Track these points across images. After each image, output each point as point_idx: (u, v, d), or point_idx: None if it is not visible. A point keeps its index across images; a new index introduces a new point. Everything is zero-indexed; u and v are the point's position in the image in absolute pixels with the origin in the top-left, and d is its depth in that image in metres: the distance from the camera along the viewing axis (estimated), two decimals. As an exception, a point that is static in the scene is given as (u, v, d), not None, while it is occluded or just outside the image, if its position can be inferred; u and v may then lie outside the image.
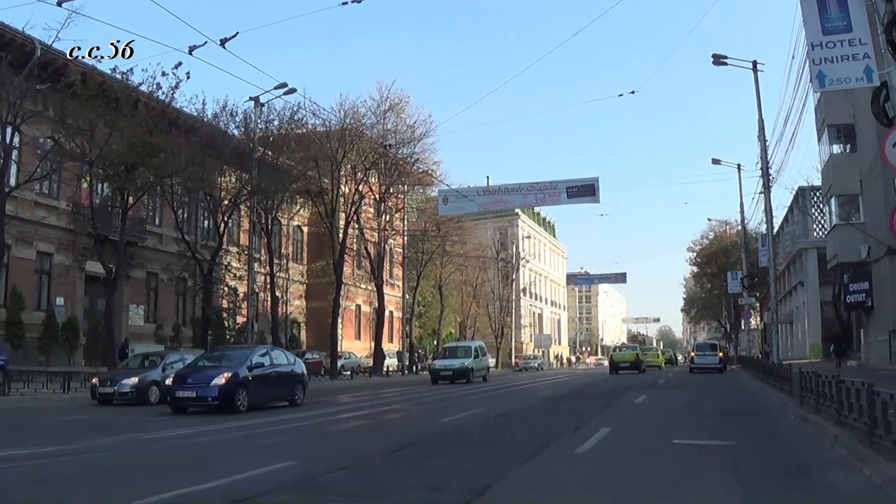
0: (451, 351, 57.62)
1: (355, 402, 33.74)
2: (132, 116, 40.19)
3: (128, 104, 40.49)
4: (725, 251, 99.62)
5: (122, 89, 40.27)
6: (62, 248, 45.26)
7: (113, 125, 39.12)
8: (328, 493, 11.12)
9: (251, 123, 50.70)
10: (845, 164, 51.08)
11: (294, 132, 55.02)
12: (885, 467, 10.77)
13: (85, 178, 42.98)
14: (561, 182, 59.40)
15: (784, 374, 29.68)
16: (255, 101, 49.03)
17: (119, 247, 41.70)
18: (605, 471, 13.06)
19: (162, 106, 42.10)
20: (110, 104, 39.37)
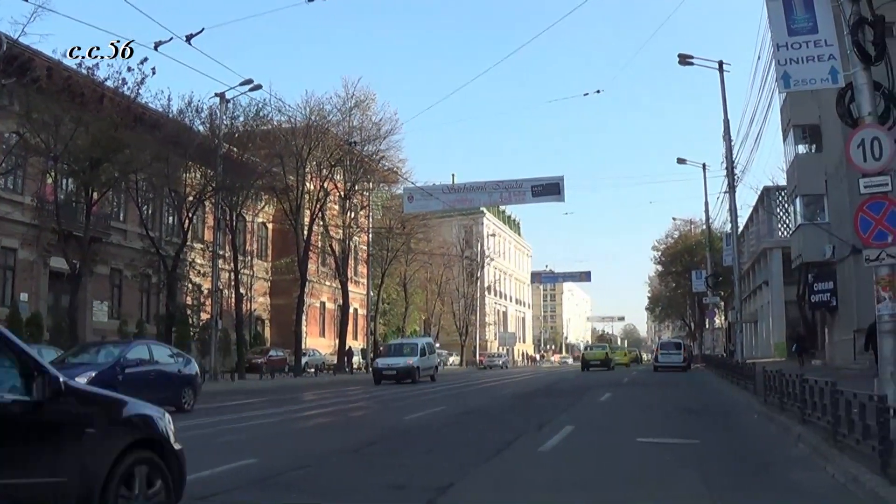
0: (396, 348, 53.04)
1: (319, 399, 33.74)
2: (97, 112, 39.90)
3: (93, 99, 40.26)
4: (690, 250, 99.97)
5: (88, 84, 40.05)
6: (26, 243, 44.72)
7: (78, 120, 38.78)
8: (289, 490, 11.15)
9: (216, 120, 50.43)
10: (810, 165, 51.39)
11: (259, 129, 54.89)
12: (849, 466, 10.83)
13: (50, 174, 42.56)
14: (526, 181, 59.45)
15: (748, 373, 29.87)
16: (220, 97, 48.74)
17: (83, 242, 41.37)
18: (568, 469, 13.10)
19: (127, 101, 41.78)
20: (76, 99, 39.15)
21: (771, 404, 20.79)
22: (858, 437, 11.28)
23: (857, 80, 14.27)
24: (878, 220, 13.48)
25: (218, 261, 52.15)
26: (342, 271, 69.12)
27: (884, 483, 9.20)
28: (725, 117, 44.97)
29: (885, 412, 10.15)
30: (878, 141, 13.50)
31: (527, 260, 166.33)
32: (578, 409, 25.39)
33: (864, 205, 13.74)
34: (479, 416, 23.33)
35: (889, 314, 13.53)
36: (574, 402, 28.22)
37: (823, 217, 49.68)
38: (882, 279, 13.61)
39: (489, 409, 26.24)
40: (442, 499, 10.26)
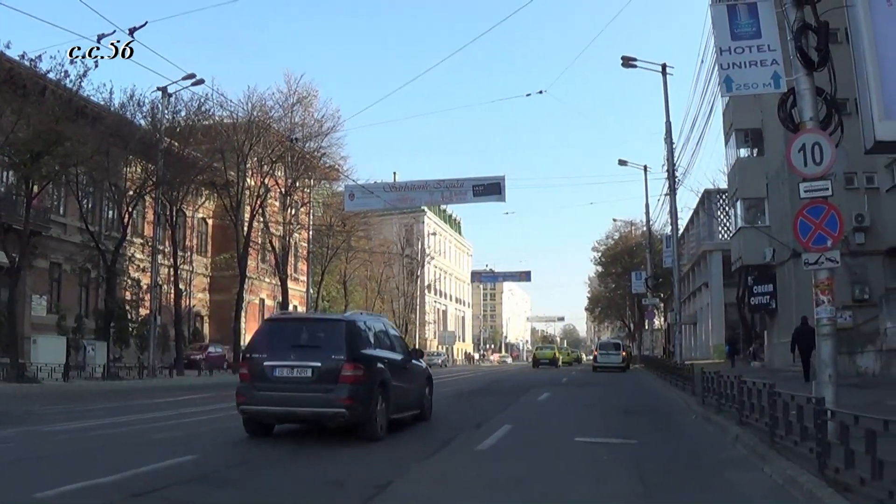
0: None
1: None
2: (39, 104, 39.44)
3: (35, 91, 39.82)
4: (630, 251, 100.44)
5: (30, 76, 39.59)
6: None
7: (19, 112, 38.28)
8: (227, 486, 11.14)
9: (158, 114, 49.91)
10: (752, 168, 51.92)
11: (201, 123, 54.44)
12: (786, 467, 10.98)
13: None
14: (467, 180, 59.46)
15: (687, 374, 30.14)
16: (162, 91, 48.26)
17: (23, 236, 40.87)
18: (505, 468, 13.15)
19: (69, 94, 41.35)
20: (17, 91, 38.74)
21: (709, 405, 21.01)
22: (796, 438, 11.44)
23: (799, 86, 14.43)
24: (818, 225, 13.64)
25: (157, 256, 51.74)
26: (282, 268, 68.73)
27: (821, 484, 9.30)
28: (667, 120, 45.23)
29: (823, 414, 10.29)
30: (819, 146, 13.66)
31: (467, 259, 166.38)
32: (517, 409, 25.45)
33: (804, 209, 13.90)
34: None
35: (828, 317, 13.72)
36: (512, 402, 28.26)
37: (764, 220, 50.26)
38: (821, 283, 13.79)
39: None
40: (380, 496, 10.28)
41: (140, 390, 35.80)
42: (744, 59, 15.40)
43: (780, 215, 45.15)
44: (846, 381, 22.82)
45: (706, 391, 22.19)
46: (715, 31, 16.15)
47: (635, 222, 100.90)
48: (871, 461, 8.11)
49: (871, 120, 13.49)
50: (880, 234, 42.58)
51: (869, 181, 43.11)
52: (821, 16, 14.37)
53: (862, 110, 13.73)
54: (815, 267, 13.75)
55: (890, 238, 41.49)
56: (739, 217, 53.77)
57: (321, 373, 15.89)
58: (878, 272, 42.89)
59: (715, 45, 16.23)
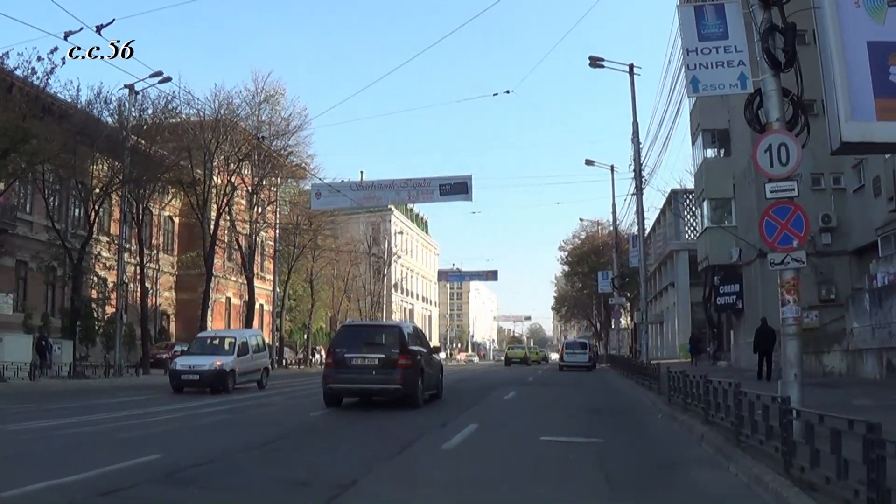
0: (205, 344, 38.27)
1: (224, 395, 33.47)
2: (6, 101, 39.24)
3: (1, 88, 39.64)
4: (597, 251, 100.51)
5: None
6: (-70, 234, 44.02)
7: (-14, 109, 38.29)
8: (192, 485, 11.05)
9: (125, 111, 49.69)
10: (719, 169, 52.04)
11: (168, 121, 54.33)
12: (752, 466, 10.98)
13: (-45, 164, 41.93)
14: (434, 179, 59.57)
15: (653, 373, 30.22)
16: (129, 88, 48.07)
17: (-11, 234, 40.78)
18: (470, 467, 13.16)
19: (36, 91, 41.22)
20: (-17, 88, 38.61)
21: (675, 404, 21.05)
22: (762, 437, 11.46)
23: (765, 87, 14.46)
24: (784, 225, 13.69)
25: (124, 254, 51.49)
26: (248, 267, 68.73)
27: (787, 484, 9.31)
28: (634, 120, 45.29)
29: (789, 413, 10.32)
30: (786, 147, 13.70)
31: (434, 258, 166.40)
32: (483, 408, 25.45)
33: (770, 209, 13.94)
34: (383, 414, 23.31)
35: (793, 317, 13.76)
36: (478, 401, 28.26)
37: (731, 220, 50.38)
38: (786, 283, 13.83)
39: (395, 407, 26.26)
40: (345, 495, 10.26)
41: (106, 389, 35.62)
42: (710, 59, 15.45)
43: (747, 215, 45.31)
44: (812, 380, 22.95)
45: (672, 390, 22.22)
46: (682, 32, 16.19)
47: (602, 222, 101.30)
48: (836, 460, 8.13)
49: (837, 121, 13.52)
50: (847, 234, 42.80)
51: (836, 182, 43.33)
52: (788, 17, 14.40)
53: (828, 111, 13.76)
54: (781, 267, 13.79)
55: (857, 238, 41.71)
56: (706, 217, 53.87)
57: (383, 362, 24.10)
58: (845, 272, 43.12)
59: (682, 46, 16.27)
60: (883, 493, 7.13)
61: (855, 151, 18.89)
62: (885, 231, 36.10)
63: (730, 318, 55.63)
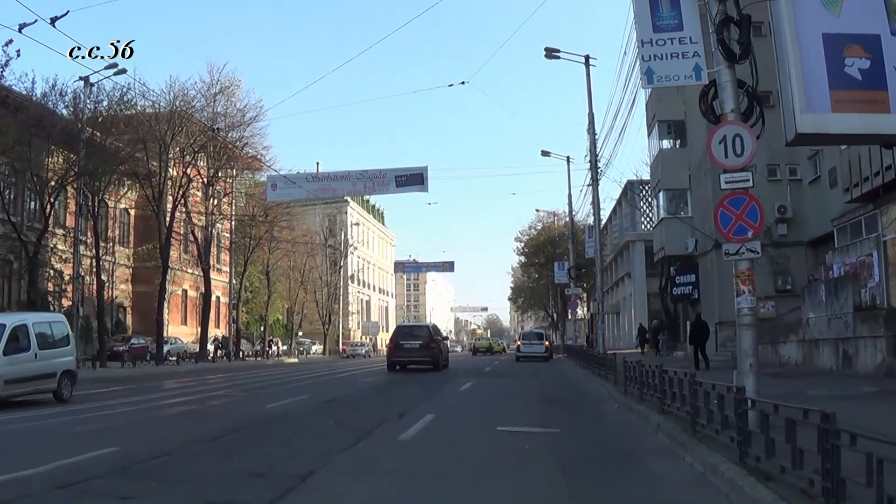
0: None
1: (181, 387, 33.27)
2: (-40, 95, 39.10)
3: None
4: (553, 242, 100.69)
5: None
6: None
7: (-61, 103, 37.97)
8: (150, 478, 10.97)
9: (80, 104, 49.29)
10: (674, 160, 52.31)
11: (123, 113, 53.74)
12: (707, 455, 11.04)
13: None
14: (390, 170, 59.71)
15: (609, 364, 30.34)
16: (84, 81, 47.72)
17: (-57, 227, 40.40)
18: (427, 457, 13.17)
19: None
20: (-64, 81, 38.25)
21: (631, 394, 21.15)
22: (717, 427, 11.51)
23: (720, 78, 14.50)
24: (739, 216, 13.75)
25: (79, 247, 51.15)
26: (204, 259, 68.40)
27: (742, 472, 9.35)
28: (590, 111, 45.44)
29: (744, 403, 10.36)
30: (741, 138, 13.75)
31: (390, 249, 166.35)
32: (439, 399, 25.46)
33: (724, 200, 13.99)
34: (341, 405, 23.27)
35: (748, 307, 13.83)
36: (435, 391, 28.30)
37: (686, 211, 50.67)
38: (742, 273, 13.90)
39: (351, 398, 26.21)
40: (302, 486, 10.29)
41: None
42: (665, 51, 15.46)
43: (703, 206, 45.60)
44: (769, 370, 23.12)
45: (628, 380, 22.32)
46: (637, 23, 16.18)
47: (558, 213, 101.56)
48: (791, 450, 8.17)
49: (792, 112, 13.57)
50: (803, 225, 43.10)
51: (792, 173, 43.62)
52: (743, 9, 14.45)
53: (784, 103, 13.81)
54: (736, 257, 13.85)
55: (812, 229, 41.98)
56: (662, 208, 54.12)
57: (421, 346, 43.50)
58: (801, 263, 43.45)
59: (637, 38, 16.28)
60: (837, 483, 7.17)
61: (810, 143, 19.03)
62: (841, 222, 36.32)
63: (686, 309, 55.83)
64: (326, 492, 10.27)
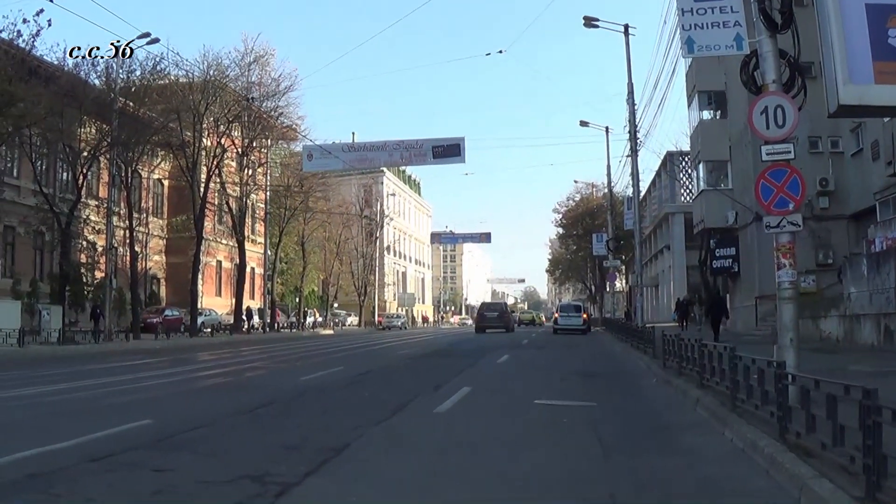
0: None
1: (215, 359, 33.42)
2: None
3: (-13, 52, 39.54)
4: (591, 213, 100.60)
5: (-20, 37, 39.31)
6: (-83, 200, 43.75)
7: (-30, 74, 38.07)
8: (183, 450, 10.97)
9: (113, 73, 49.36)
10: (715, 131, 51.96)
11: (156, 83, 53.86)
12: (746, 430, 10.98)
13: (-58, 128, 41.68)
14: (427, 141, 59.74)
15: (647, 337, 30.15)
16: (116, 49, 47.82)
17: (-24, 199, 40.57)
18: (463, 430, 13.13)
19: (22, 54, 40.98)
20: (-32, 52, 38.37)
21: (670, 368, 21.03)
22: (757, 402, 11.41)
23: (762, 48, 14.37)
24: (780, 188, 13.63)
25: (112, 218, 51.26)
26: (239, 230, 68.68)
27: (782, 448, 9.29)
28: (629, 80, 45.22)
29: (784, 378, 10.30)
30: (782, 109, 13.63)
31: (427, 220, 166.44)
32: (476, 371, 25.47)
33: (765, 172, 13.87)
34: (376, 377, 23.33)
35: (789, 281, 13.72)
36: (472, 364, 28.30)
37: (727, 183, 50.35)
38: (782, 246, 13.79)
39: (387, 371, 26.25)
40: (336, 459, 10.28)
41: (96, 355, 35.58)
42: (706, 20, 15.31)
43: (743, 178, 45.22)
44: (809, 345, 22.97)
45: (667, 354, 22.22)
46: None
47: (597, 184, 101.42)
48: (832, 426, 8.11)
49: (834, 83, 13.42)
50: (845, 198, 42.79)
51: (834, 145, 43.30)
52: (786, -23, 14.31)
53: (826, 74, 13.65)
54: (777, 230, 13.74)
55: (854, 203, 41.70)
56: (702, 179, 53.78)
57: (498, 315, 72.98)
58: (843, 237, 43.16)
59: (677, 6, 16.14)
60: (879, 460, 7.12)
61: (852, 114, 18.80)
62: (884, 196, 36.06)
63: (726, 282, 55.59)
64: (361, 464, 10.25)
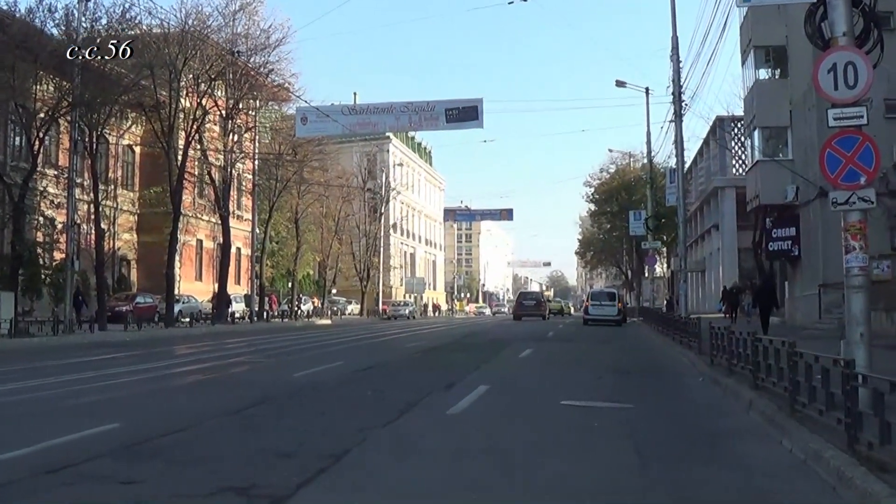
0: None
1: (195, 353, 33.45)
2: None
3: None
4: (628, 187, 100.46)
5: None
6: None
7: None
8: (157, 458, 10.92)
9: (74, 22, 48.49)
10: (773, 92, 51.56)
11: (126, 34, 52.61)
12: (809, 439, 10.87)
13: None
14: (440, 103, 59.41)
15: (692, 330, 30.12)
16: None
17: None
18: (479, 435, 13.11)
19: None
20: None
21: (718, 366, 21.02)
22: (821, 407, 11.33)
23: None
24: (849, 158, 13.49)
25: (75, 190, 50.78)
26: (223, 204, 68.24)
27: (851, 462, 9.18)
28: (674, 34, 45.05)
29: (853, 379, 10.19)
30: (854, 66, 13.49)
31: (439, 194, 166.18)
32: (494, 367, 25.55)
33: (832, 140, 13.74)
34: (381, 374, 23.40)
35: (859, 266, 13.55)
36: (489, 359, 28.43)
37: (786, 153, 50.00)
38: (852, 226, 13.64)
39: (393, 366, 26.32)
40: (335, 467, 10.26)
41: (56, 349, 35.50)
42: (765, -39, 15.23)
43: (806, 147, 44.97)
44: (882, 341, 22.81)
45: (715, 350, 22.20)
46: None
47: (634, 154, 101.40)
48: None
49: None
50: (927, 171, 42.54)
51: (916, 110, 43.00)
52: None
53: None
54: (845, 207, 13.60)
55: (939, 176, 41.47)
56: (757, 149, 53.43)
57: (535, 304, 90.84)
58: (924, 217, 42.88)
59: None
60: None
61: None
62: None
63: (784, 267, 55.35)
64: (363, 473, 10.24)
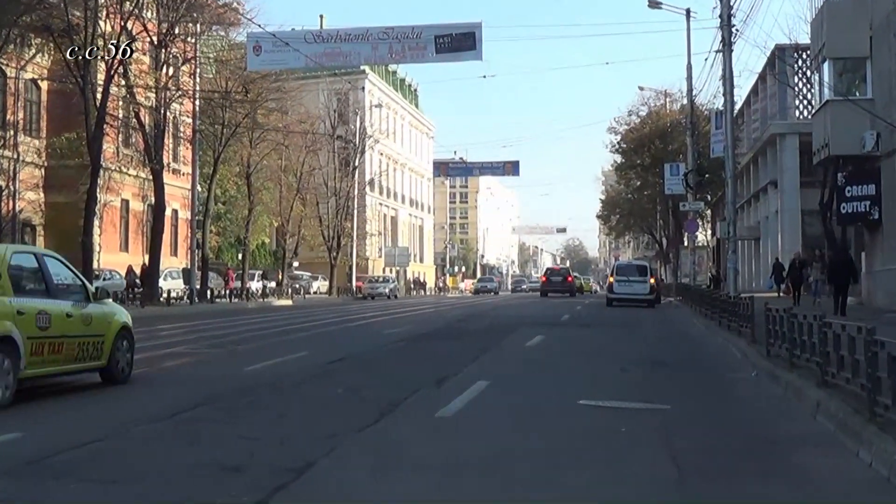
0: None
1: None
2: None
3: None
4: (663, 134, 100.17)
5: None
6: None
7: None
8: (69, 476, 10.83)
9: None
10: (847, 15, 51.31)
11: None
12: (893, 451, 10.65)
13: None
14: (427, 28, 58.69)
15: (743, 312, 30.10)
16: None
17: None
18: (477, 442, 13.10)
19: None
20: None
21: (776, 357, 20.97)
22: (909, 409, 11.26)
23: None
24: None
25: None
26: (155, 155, 66.77)
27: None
28: (722, -60, 44.96)
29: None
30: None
31: (428, 144, 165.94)
32: (496, 358, 25.66)
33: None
34: (354, 367, 23.45)
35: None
36: (490, 348, 28.48)
37: (864, 91, 49.62)
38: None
39: (370, 357, 26.35)
40: (296, 484, 10.17)
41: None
42: None
43: (890, 83, 44.77)
44: None
45: (772, 337, 22.12)
46: None
47: (671, 92, 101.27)
48: None
49: None
50: None
51: None
52: None
53: None
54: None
55: None
56: (827, 86, 53.28)
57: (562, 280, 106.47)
58: None
59: None
60: None
61: None
62: None
63: (860, 234, 55.12)
64: (331, 491, 10.22)
